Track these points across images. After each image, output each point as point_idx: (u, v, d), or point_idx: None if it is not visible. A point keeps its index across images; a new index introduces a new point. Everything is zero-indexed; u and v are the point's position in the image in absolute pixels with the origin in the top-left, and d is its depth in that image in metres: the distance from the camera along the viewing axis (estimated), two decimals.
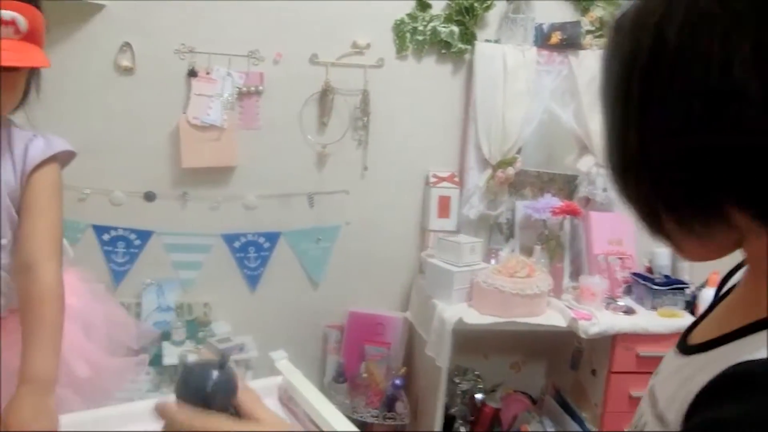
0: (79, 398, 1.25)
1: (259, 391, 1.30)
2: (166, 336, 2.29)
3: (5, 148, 1.16)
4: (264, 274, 2.44)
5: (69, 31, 2.12)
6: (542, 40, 2.44)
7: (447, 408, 2.32)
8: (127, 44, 2.16)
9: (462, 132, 2.49)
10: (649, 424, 0.58)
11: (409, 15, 2.37)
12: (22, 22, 1.02)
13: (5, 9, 1.00)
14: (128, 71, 2.18)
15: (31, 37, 1.04)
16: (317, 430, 1.22)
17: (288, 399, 1.32)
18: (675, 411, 0.52)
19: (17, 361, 1.07)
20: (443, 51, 2.42)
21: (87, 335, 1.33)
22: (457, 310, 2.08)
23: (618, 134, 0.53)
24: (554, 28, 2.44)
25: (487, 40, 2.43)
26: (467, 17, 2.39)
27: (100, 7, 2.11)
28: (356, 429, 1.14)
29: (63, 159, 1.24)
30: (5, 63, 1.03)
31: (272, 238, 2.42)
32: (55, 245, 1.16)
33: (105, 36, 2.15)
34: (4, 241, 1.17)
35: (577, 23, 2.44)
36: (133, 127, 2.22)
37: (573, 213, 2.38)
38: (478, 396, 2.44)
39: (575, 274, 2.44)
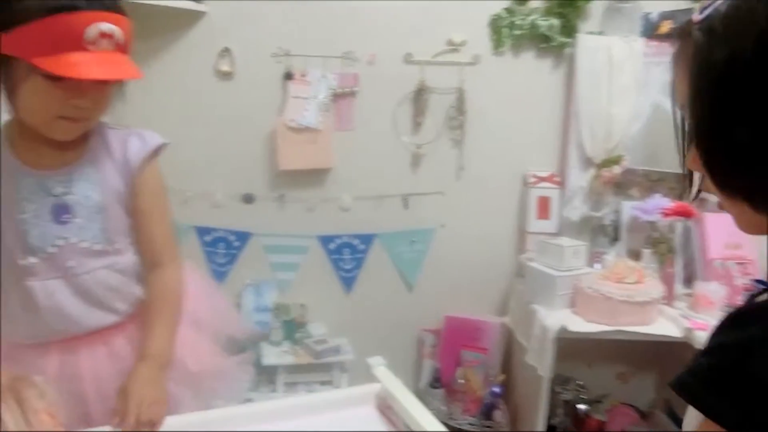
0: (190, 393, 1.27)
1: (356, 398, 1.29)
2: (263, 336, 2.32)
3: (104, 154, 1.17)
4: (359, 276, 2.43)
5: (173, 39, 2.19)
6: (650, 30, 2.29)
7: (548, 418, 2.21)
8: (227, 49, 2.21)
9: (562, 130, 2.38)
10: None
11: (506, 9, 2.29)
12: (119, 34, 1.02)
13: (105, 21, 0.99)
14: (227, 76, 2.22)
15: (124, 47, 1.04)
16: None
17: (386, 407, 1.28)
18: None
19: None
20: (542, 45, 2.31)
21: (196, 330, 1.33)
22: (559, 317, 1.98)
23: (722, 127, 0.56)
24: (664, 16, 2.28)
25: (590, 33, 2.30)
26: (568, 9, 2.27)
27: (201, 15, 2.17)
28: None
29: (158, 150, 1.24)
30: (106, 77, 1.04)
31: (367, 240, 2.41)
32: (175, 246, 1.26)
33: (205, 42, 2.20)
34: (118, 246, 1.19)
35: (689, 11, 2.26)
36: (231, 131, 2.26)
37: (686, 215, 2.21)
38: (582, 407, 2.32)
39: (688, 280, 2.26)
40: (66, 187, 1.12)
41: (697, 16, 0.58)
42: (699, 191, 0.66)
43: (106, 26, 0.99)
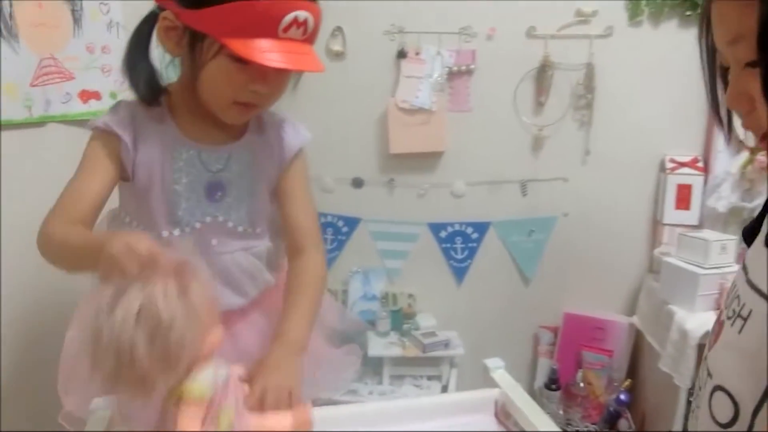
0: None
1: (471, 403, 1.15)
2: (370, 326, 2.24)
3: (260, 139, 1.16)
4: (471, 266, 2.28)
5: None
6: None
7: None
8: (339, 29, 2.13)
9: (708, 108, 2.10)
10: None
11: None
12: (311, 24, 0.98)
13: (303, 10, 0.95)
14: (339, 56, 2.14)
15: (311, 37, 1.00)
16: None
17: (505, 416, 1.14)
18: None
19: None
20: (688, 13, 2.05)
21: None
22: (702, 321, 1.74)
23: None
24: None
25: None
26: None
27: None
28: None
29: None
30: (295, 67, 1.00)
31: (481, 228, 2.25)
32: (319, 233, 1.24)
33: None
34: (258, 230, 1.17)
35: None
36: (343, 112, 2.18)
37: None
38: None
39: None
40: (223, 165, 1.11)
41: None
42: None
43: (303, 15, 0.95)
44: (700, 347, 1.71)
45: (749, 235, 0.67)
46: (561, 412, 2.16)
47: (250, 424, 0.84)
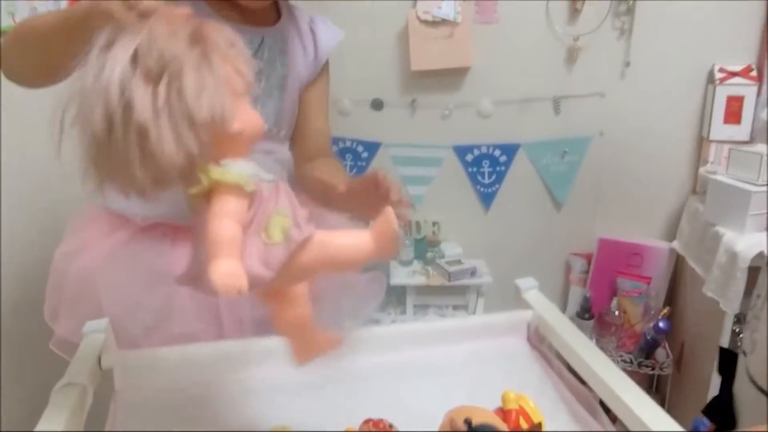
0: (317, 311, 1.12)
1: (503, 326, 1.05)
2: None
3: (293, 31, 1.08)
4: (499, 191, 2.15)
5: None
6: None
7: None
8: None
9: (765, 11, 1.89)
10: None
11: None
12: None
13: None
14: None
15: None
16: (578, 382, 0.93)
17: (539, 340, 1.04)
18: None
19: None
20: None
21: None
22: (753, 242, 1.60)
23: None
24: None
25: None
26: None
27: None
28: (639, 389, 0.82)
29: None
30: None
31: (510, 150, 2.11)
32: (331, 141, 1.23)
33: None
34: (283, 134, 1.11)
35: None
36: (360, 29, 2.01)
37: None
38: None
39: None
40: (254, 50, 1.03)
41: None
42: None
43: None
44: (751, 270, 1.57)
45: None
46: (594, 341, 2.05)
47: (318, 240, 0.64)
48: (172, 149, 0.54)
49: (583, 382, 0.92)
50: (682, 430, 0.75)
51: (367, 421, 0.79)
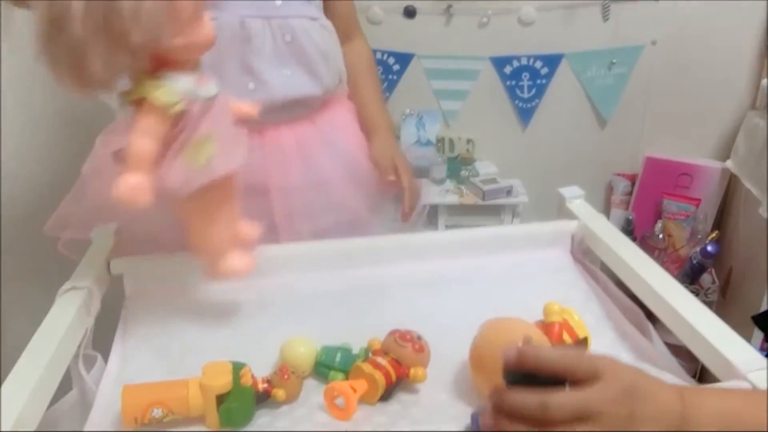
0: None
1: (544, 237, 0.95)
2: (425, 173, 2.04)
3: None
4: (539, 106, 2.01)
5: None
6: None
7: None
8: None
9: None
10: None
11: None
12: None
13: None
14: None
15: None
16: (626, 298, 0.84)
17: (583, 252, 0.95)
18: None
19: None
20: None
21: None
22: None
23: None
24: None
25: None
26: None
27: None
28: (698, 303, 0.73)
29: None
30: None
31: (552, 61, 1.96)
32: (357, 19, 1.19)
33: None
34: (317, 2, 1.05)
35: None
36: None
37: None
38: None
39: None
40: None
41: None
42: None
43: None
44: None
45: None
46: None
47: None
48: (99, 68, 0.56)
49: (631, 298, 0.83)
50: (747, 344, 0.66)
51: (393, 332, 0.72)
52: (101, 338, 0.79)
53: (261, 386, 0.66)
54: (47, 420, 0.65)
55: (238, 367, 0.65)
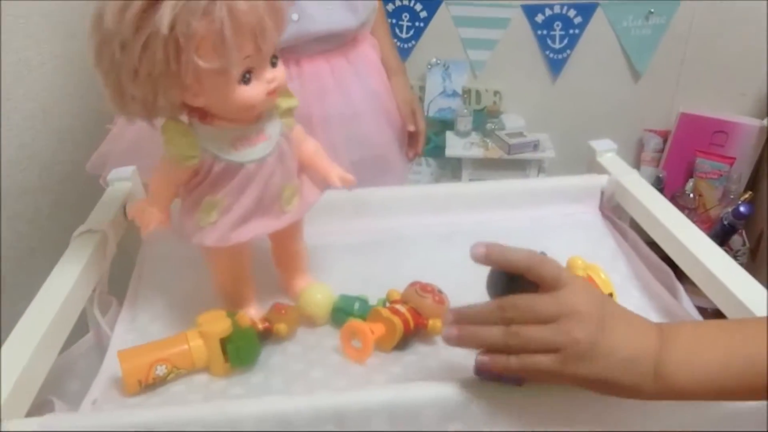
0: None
1: (571, 191, 0.92)
2: (449, 125, 2.00)
3: None
4: (571, 57, 1.94)
5: None
6: None
7: None
8: None
9: None
10: None
11: None
12: None
13: None
14: None
15: None
16: (657, 257, 0.81)
17: (612, 208, 0.91)
18: None
19: None
20: None
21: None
22: None
23: None
24: None
25: None
26: None
27: None
28: (735, 264, 0.70)
29: None
30: None
31: (586, 10, 1.87)
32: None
33: None
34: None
35: None
36: None
37: None
38: None
39: None
40: None
41: None
42: None
43: None
44: None
45: None
46: None
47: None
48: (137, 105, 0.57)
49: (661, 257, 0.80)
50: None
51: (413, 284, 0.70)
52: (118, 283, 0.78)
53: (261, 325, 0.66)
54: (63, 362, 0.64)
55: (232, 314, 0.65)
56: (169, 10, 0.50)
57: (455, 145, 1.92)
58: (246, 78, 0.57)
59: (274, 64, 0.59)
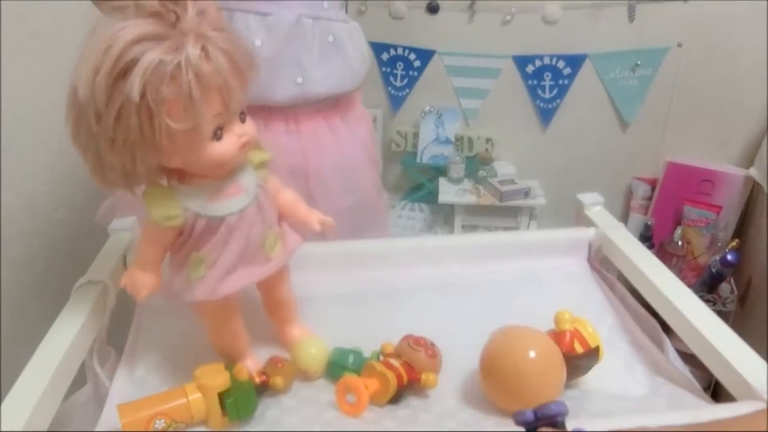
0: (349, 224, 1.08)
1: (560, 244, 0.94)
2: (442, 172, 2.04)
3: None
4: (560, 107, 1.99)
5: None
6: None
7: None
8: None
9: None
10: None
11: None
12: None
13: None
14: None
15: None
16: (643, 310, 0.83)
17: (600, 261, 0.93)
18: None
19: None
20: None
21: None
22: None
23: None
24: None
25: None
26: None
27: None
28: (717, 319, 0.72)
29: None
30: None
31: (575, 61, 1.93)
32: None
33: None
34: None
35: None
36: None
37: None
38: None
39: None
40: None
41: None
42: None
43: None
44: None
45: None
46: None
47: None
48: (117, 174, 0.59)
49: (648, 310, 0.82)
50: (764, 362, 0.65)
51: (406, 337, 0.72)
52: (117, 333, 0.79)
53: (258, 378, 0.67)
54: (61, 414, 0.65)
55: (230, 366, 0.66)
56: (139, 79, 0.53)
57: (448, 192, 1.95)
58: (218, 134, 0.60)
59: (243, 120, 0.63)
